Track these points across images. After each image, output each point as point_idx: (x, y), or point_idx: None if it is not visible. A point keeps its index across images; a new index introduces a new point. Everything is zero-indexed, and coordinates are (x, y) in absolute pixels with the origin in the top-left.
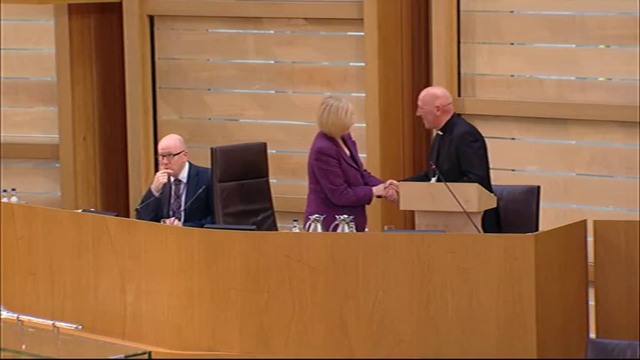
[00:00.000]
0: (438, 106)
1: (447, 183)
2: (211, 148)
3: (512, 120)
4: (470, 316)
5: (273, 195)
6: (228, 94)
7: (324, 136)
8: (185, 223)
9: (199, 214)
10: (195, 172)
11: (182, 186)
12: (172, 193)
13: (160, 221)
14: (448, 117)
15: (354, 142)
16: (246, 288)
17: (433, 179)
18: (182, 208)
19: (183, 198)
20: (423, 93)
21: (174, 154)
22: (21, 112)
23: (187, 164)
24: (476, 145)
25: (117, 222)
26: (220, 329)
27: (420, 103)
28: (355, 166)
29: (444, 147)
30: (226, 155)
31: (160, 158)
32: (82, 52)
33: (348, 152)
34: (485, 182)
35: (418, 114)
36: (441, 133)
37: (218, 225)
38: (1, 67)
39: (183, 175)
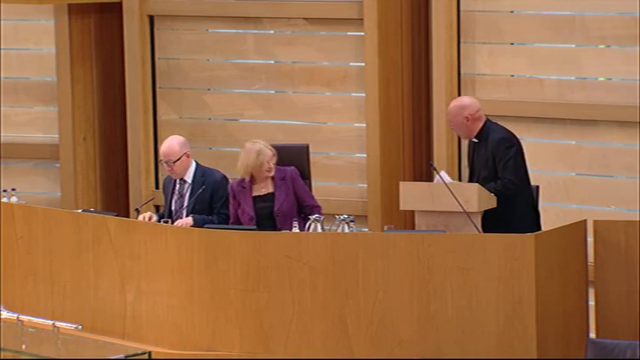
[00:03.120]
0: (467, 117)
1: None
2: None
3: (512, 120)
4: (470, 316)
5: None
6: (228, 94)
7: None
8: None
9: (202, 215)
10: (201, 172)
11: (186, 186)
12: (176, 191)
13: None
14: (480, 124)
15: (283, 180)
16: (246, 288)
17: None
18: (184, 207)
19: (186, 197)
20: (450, 106)
21: (175, 161)
22: (21, 112)
23: (194, 164)
24: (512, 150)
25: (117, 222)
26: (220, 329)
27: (448, 117)
28: (249, 212)
29: (479, 154)
30: None
31: (163, 164)
32: (82, 52)
33: (259, 192)
34: (521, 186)
35: (451, 128)
36: (476, 140)
37: (218, 225)
38: (1, 67)
39: (189, 176)
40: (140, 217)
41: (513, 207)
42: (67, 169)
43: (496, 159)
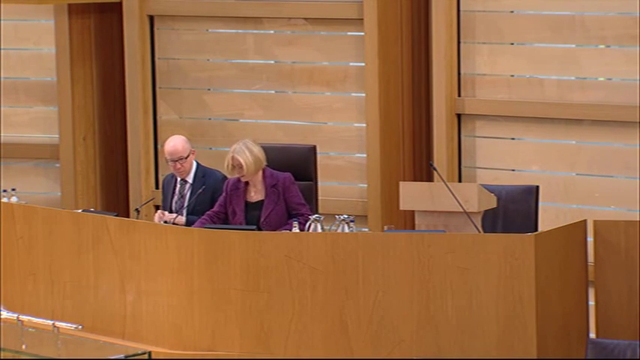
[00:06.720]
0: None
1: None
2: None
3: (512, 120)
4: (470, 316)
5: None
6: (228, 94)
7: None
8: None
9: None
10: (202, 173)
11: (187, 186)
12: (177, 191)
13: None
14: None
15: (274, 188)
16: (246, 288)
17: None
18: (184, 206)
19: (187, 198)
20: None
21: (185, 157)
22: (21, 112)
23: (195, 164)
24: None
25: (117, 222)
26: (220, 329)
27: None
28: (240, 217)
29: None
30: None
31: (171, 163)
32: (82, 52)
33: (252, 198)
34: None
35: None
36: None
37: (218, 225)
38: (1, 67)
39: (190, 176)
40: (156, 218)
41: None
42: (67, 169)
43: None
